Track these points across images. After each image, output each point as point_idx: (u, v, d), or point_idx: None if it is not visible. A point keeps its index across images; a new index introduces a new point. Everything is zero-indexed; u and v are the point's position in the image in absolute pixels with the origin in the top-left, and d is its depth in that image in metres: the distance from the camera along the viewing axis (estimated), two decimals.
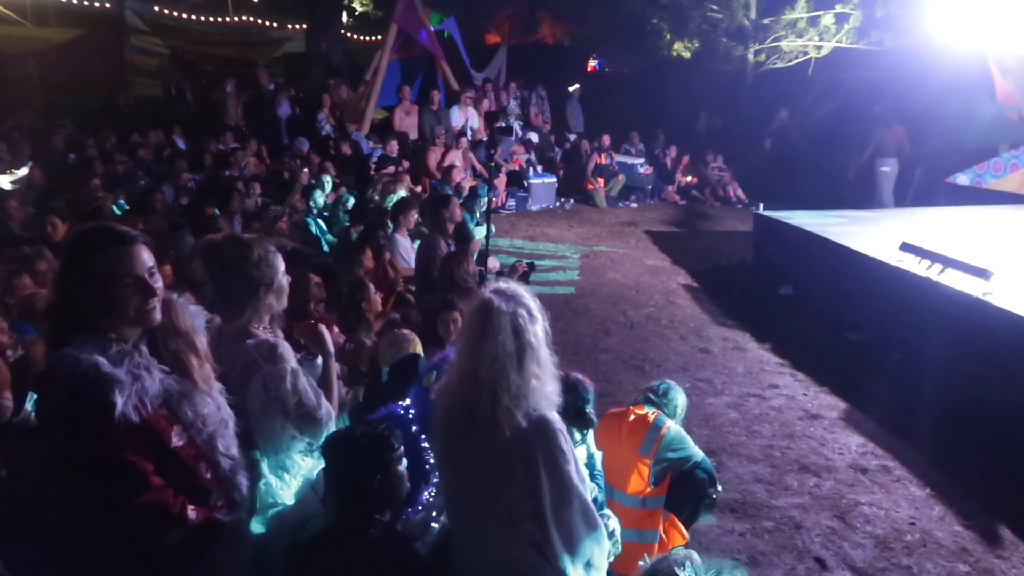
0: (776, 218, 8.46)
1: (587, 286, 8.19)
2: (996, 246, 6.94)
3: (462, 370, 2.14)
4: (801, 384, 5.80)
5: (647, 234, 10.60)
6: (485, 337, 2.09)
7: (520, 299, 2.15)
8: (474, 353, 2.10)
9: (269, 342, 2.43)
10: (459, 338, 2.24)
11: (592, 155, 12.62)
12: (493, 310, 2.10)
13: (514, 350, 2.09)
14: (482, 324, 2.10)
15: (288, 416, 2.41)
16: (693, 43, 14.78)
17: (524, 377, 2.10)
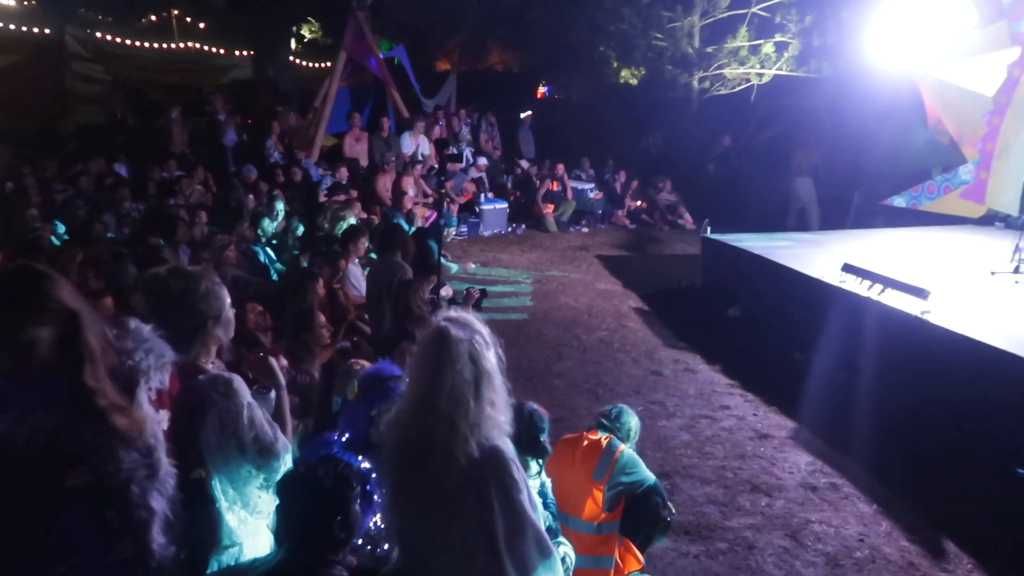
0: (723, 241, 8.63)
1: (540, 311, 8.22)
2: (932, 265, 7.21)
3: (418, 400, 2.11)
4: (751, 404, 5.89)
5: (598, 258, 10.71)
6: (443, 366, 2.07)
7: (473, 326, 2.15)
8: (432, 382, 2.08)
9: (223, 377, 2.38)
10: (413, 367, 2.22)
11: (544, 181, 12.73)
12: (450, 338, 2.08)
13: (472, 378, 2.08)
14: (439, 353, 2.08)
15: (245, 452, 2.36)
16: (640, 70, 15.12)
17: (481, 405, 2.09)
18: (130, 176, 10.22)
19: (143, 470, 1.94)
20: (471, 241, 11.58)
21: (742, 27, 13.34)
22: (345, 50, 12.62)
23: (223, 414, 2.30)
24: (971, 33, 9.31)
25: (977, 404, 4.96)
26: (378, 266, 5.85)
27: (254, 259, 7.15)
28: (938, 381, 5.27)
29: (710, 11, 13.58)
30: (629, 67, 15.27)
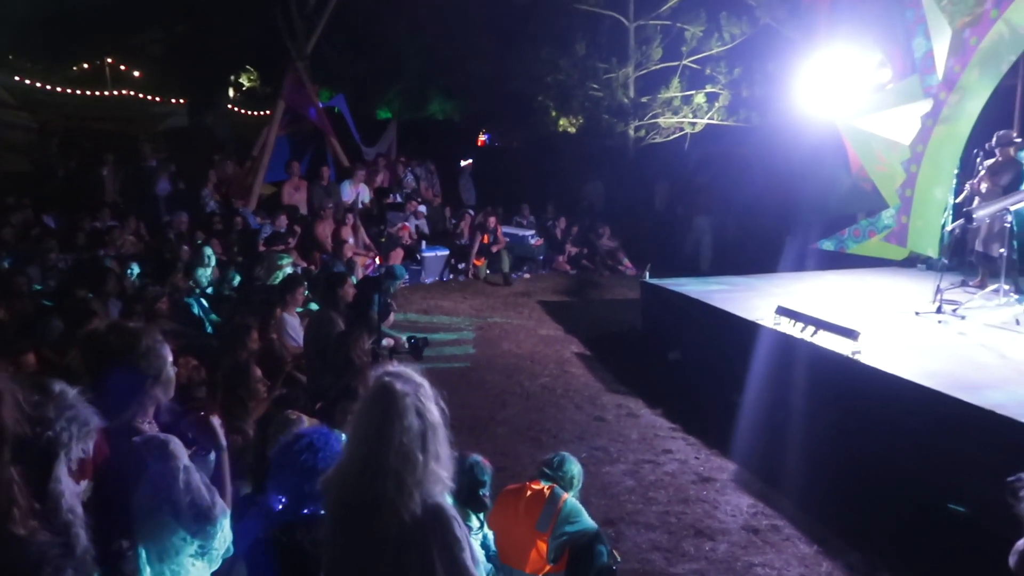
0: (662, 286, 8.79)
1: (482, 358, 8.19)
2: (861, 307, 7.46)
3: (363, 457, 2.06)
4: (693, 447, 5.94)
5: (540, 304, 10.76)
6: (390, 421, 2.03)
7: (415, 379, 2.12)
8: (379, 439, 2.03)
9: (158, 439, 2.29)
10: (356, 424, 2.16)
11: (476, 235, 12.54)
12: (395, 393, 2.05)
13: (419, 432, 2.05)
14: (386, 408, 2.05)
15: (179, 518, 2.26)
16: (578, 119, 15.53)
17: (427, 460, 2.05)
18: (58, 227, 9.90)
19: (56, 548, 1.83)
20: (412, 288, 11.52)
21: (674, 78, 13.84)
22: (284, 100, 12.60)
23: (157, 478, 2.22)
24: (887, 87, 9.83)
25: (908, 442, 5.10)
26: (317, 316, 5.76)
27: (188, 311, 6.97)
28: (870, 420, 5.41)
29: (644, 63, 14.06)
30: (567, 116, 15.67)
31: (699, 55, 13.64)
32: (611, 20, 14.18)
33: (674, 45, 13.82)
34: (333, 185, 12.01)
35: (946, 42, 8.93)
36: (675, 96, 13.92)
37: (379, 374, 2.14)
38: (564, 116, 15.74)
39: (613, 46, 14.29)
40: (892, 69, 9.80)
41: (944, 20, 8.88)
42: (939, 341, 6.31)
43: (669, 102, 14.02)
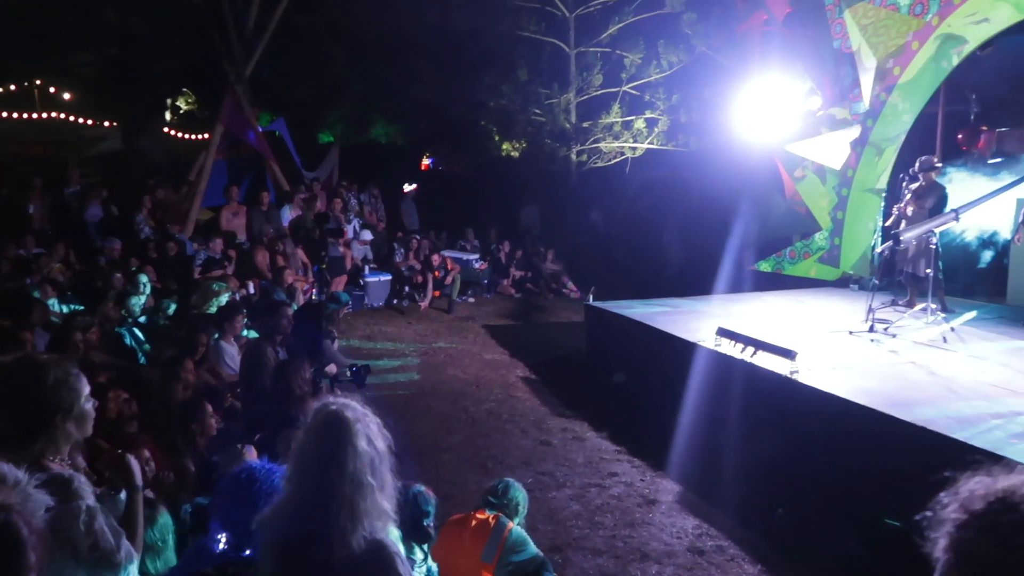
0: (606, 308, 8.86)
1: (427, 384, 8.10)
2: (797, 327, 7.64)
3: (314, 488, 1.99)
4: (638, 470, 5.96)
5: (485, 328, 10.73)
6: (344, 448, 1.97)
7: (360, 408, 2.08)
8: (331, 467, 1.97)
9: (62, 477, 2.17)
10: (302, 454, 2.09)
11: (428, 275, 12.45)
12: (345, 420, 2.00)
13: (369, 460, 2.00)
14: (339, 435, 1.99)
15: (80, 561, 2.13)
16: (521, 144, 15.62)
17: (374, 491, 2.00)
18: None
19: None
20: (356, 314, 11.37)
21: (615, 104, 14.08)
22: (222, 123, 12.38)
23: (55, 518, 2.09)
24: (817, 114, 10.18)
25: (846, 459, 5.21)
26: (254, 345, 5.62)
27: (120, 341, 6.72)
28: (809, 439, 5.52)
29: (585, 89, 14.28)
30: (510, 141, 15.75)
31: (638, 81, 13.93)
32: (552, 47, 14.39)
33: (614, 72, 14.08)
34: (273, 210, 11.80)
35: (872, 72, 9.31)
36: (616, 121, 14.16)
37: (323, 404, 2.09)
38: (507, 140, 15.82)
39: (555, 72, 14.49)
40: (822, 97, 10.17)
41: (870, 51, 9.27)
42: (872, 360, 6.49)
43: (610, 127, 14.26)
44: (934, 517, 0.80)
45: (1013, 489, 0.62)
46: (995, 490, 0.64)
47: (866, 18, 9.28)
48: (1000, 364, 6.23)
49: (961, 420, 4.85)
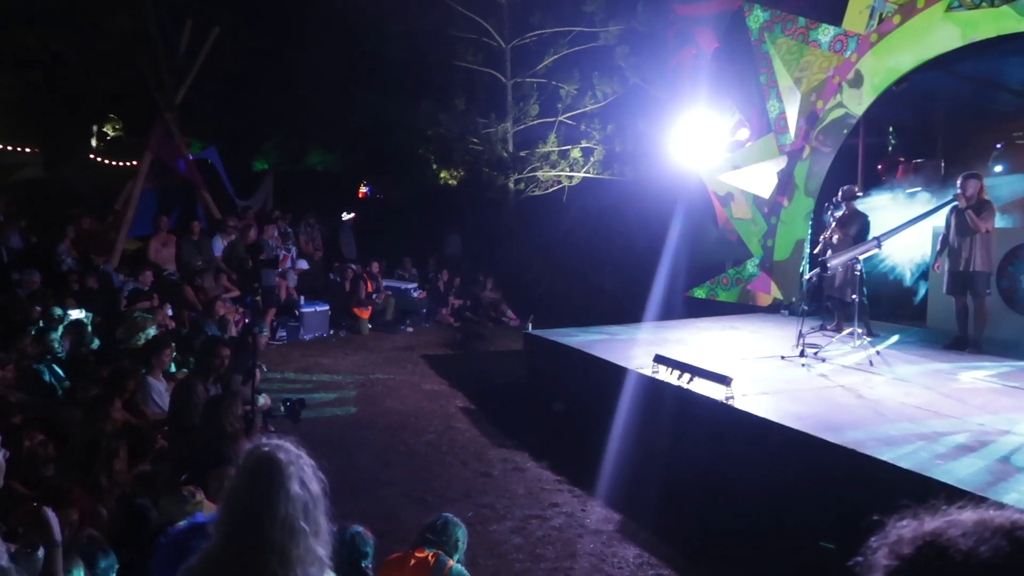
0: (544, 337, 8.88)
1: (365, 417, 7.95)
2: (732, 352, 7.80)
3: (244, 534, 1.90)
4: (579, 499, 5.94)
5: (424, 358, 10.63)
6: (276, 492, 1.89)
7: (293, 450, 2.00)
8: (262, 512, 1.88)
9: None
10: (232, 498, 1.99)
11: (360, 283, 12.47)
12: (278, 461, 1.92)
13: (303, 504, 1.91)
14: (270, 478, 1.90)
15: None
16: (459, 172, 15.67)
17: (307, 535, 1.92)
18: None
19: None
20: (291, 346, 11.13)
21: (551, 134, 14.28)
22: (151, 151, 12.06)
23: None
24: (746, 145, 10.52)
25: (782, 483, 5.30)
26: (184, 382, 5.42)
27: (38, 378, 6.40)
28: (746, 463, 5.60)
29: (522, 118, 14.45)
30: (448, 169, 15.78)
31: (574, 112, 14.17)
32: (489, 77, 14.53)
33: (550, 102, 14.30)
34: (204, 240, 11.50)
35: (796, 104, 9.68)
36: (552, 150, 14.35)
37: (255, 446, 2.01)
38: (445, 169, 15.87)
39: (492, 102, 14.63)
40: (750, 128, 10.52)
41: (793, 85, 9.63)
42: (804, 384, 6.66)
43: (547, 156, 14.43)
44: (865, 563, 0.80)
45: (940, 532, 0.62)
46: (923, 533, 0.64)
47: (790, 54, 9.67)
48: (923, 387, 6.47)
49: (888, 441, 4.99)
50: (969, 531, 0.58)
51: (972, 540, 0.57)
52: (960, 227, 7.69)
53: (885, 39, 8.69)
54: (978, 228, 7.51)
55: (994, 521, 0.59)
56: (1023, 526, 0.58)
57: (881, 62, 8.73)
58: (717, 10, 10.93)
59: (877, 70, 8.79)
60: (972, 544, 0.57)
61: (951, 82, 9.70)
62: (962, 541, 0.57)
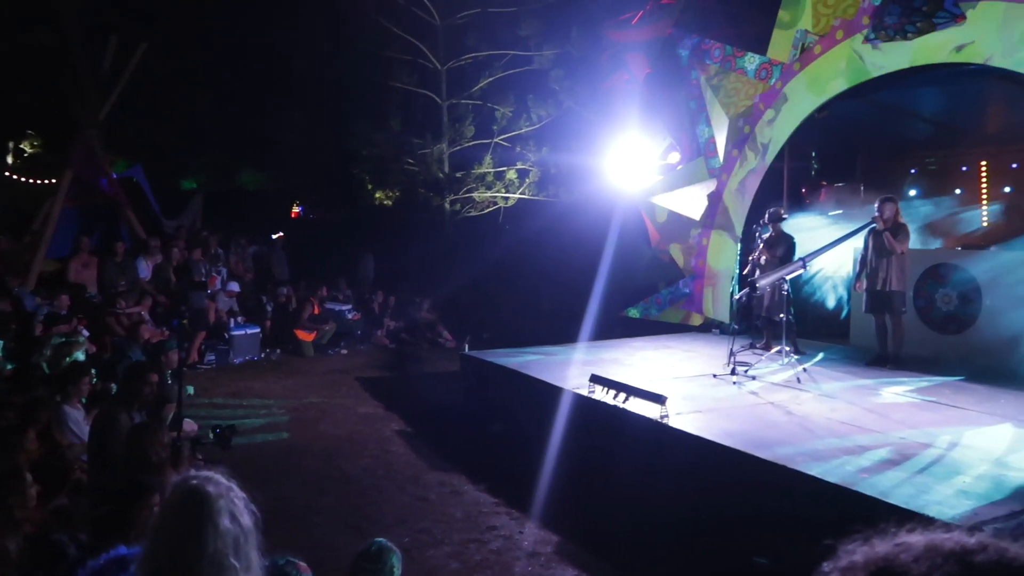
0: (481, 358, 8.86)
1: (298, 442, 7.76)
2: (666, 371, 7.92)
3: (170, 573, 1.82)
4: (517, 522, 5.90)
5: (359, 381, 10.46)
6: (204, 526, 1.80)
7: (223, 482, 1.92)
8: (189, 547, 1.80)
9: None
10: (158, 533, 1.90)
11: (306, 304, 12.31)
12: (206, 495, 1.84)
13: (233, 538, 1.84)
14: (198, 512, 1.82)
15: None
16: (394, 192, 15.58)
17: (238, 572, 1.84)
18: None
19: None
20: (221, 370, 10.80)
21: (487, 155, 14.36)
22: (72, 169, 11.61)
23: None
24: (677, 168, 10.78)
25: (716, 499, 5.39)
26: (105, 410, 5.19)
27: None
28: (681, 481, 5.68)
29: (457, 140, 14.49)
30: (383, 189, 15.69)
31: (509, 134, 14.29)
32: (424, 98, 14.54)
33: (486, 123, 14.39)
34: (128, 261, 11.10)
35: (724, 129, 9.97)
36: (488, 172, 14.41)
37: (183, 478, 1.93)
38: (380, 189, 15.76)
39: (427, 122, 14.63)
40: (681, 152, 10.79)
41: (722, 110, 9.93)
42: (735, 401, 6.80)
43: (482, 177, 14.49)
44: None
45: (892, 557, 0.64)
46: (876, 559, 0.66)
47: (718, 81, 9.98)
48: (847, 402, 6.69)
49: (816, 456, 5.13)
50: (921, 556, 0.59)
51: (924, 566, 0.58)
52: (878, 248, 8.03)
53: (807, 68, 9.05)
54: (894, 249, 7.85)
55: (944, 546, 0.60)
56: (973, 550, 0.59)
57: (803, 90, 9.09)
58: (649, 36, 11.21)
59: (800, 97, 9.14)
60: (924, 570, 0.58)
61: (869, 110, 10.16)
62: (915, 567, 0.58)
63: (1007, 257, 8.55)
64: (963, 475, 4.72)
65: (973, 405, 6.55)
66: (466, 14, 13.88)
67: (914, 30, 7.54)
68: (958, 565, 0.58)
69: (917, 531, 0.66)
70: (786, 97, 9.29)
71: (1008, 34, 7.12)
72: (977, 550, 0.59)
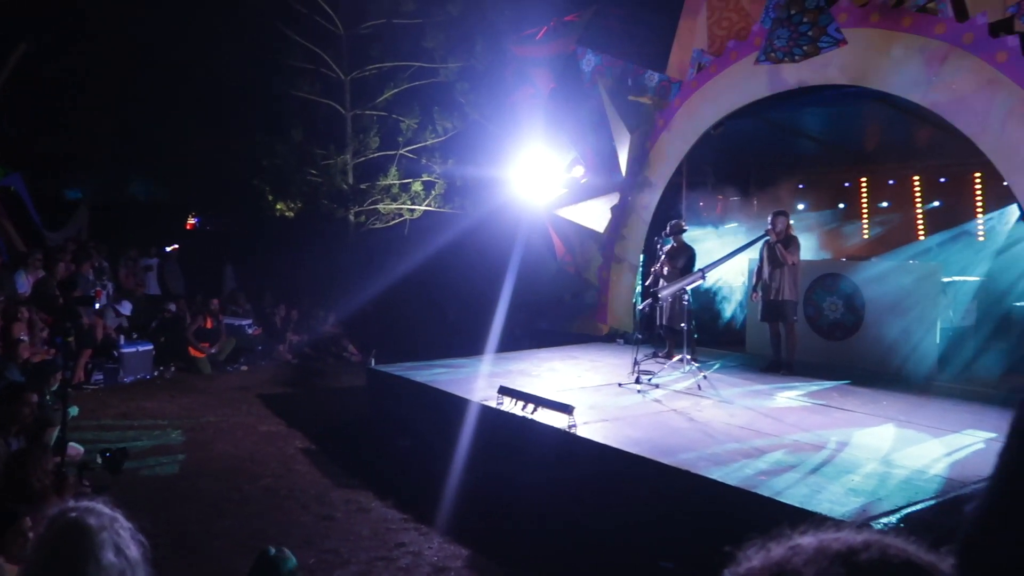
0: (388, 371, 8.73)
1: (194, 464, 7.41)
2: (573, 381, 8.02)
3: None
4: (426, 537, 5.82)
5: (260, 398, 10.11)
6: (85, 561, 1.67)
7: (107, 512, 1.79)
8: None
9: None
10: (34, 570, 1.75)
11: (196, 318, 11.85)
12: (86, 528, 1.70)
13: (119, 574, 1.71)
14: (77, 547, 1.67)
15: None
16: (296, 204, 15.19)
17: None
18: None
19: None
20: (109, 390, 10.22)
21: (392, 167, 14.21)
22: None
23: None
24: (582, 181, 10.98)
25: (624, 506, 5.49)
26: None
27: None
28: (589, 489, 5.75)
29: (362, 151, 14.29)
30: (285, 201, 15.27)
31: (415, 145, 14.20)
32: (328, 108, 14.28)
33: (391, 135, 14.25)
34: (6, 275, 10.37)
35: (627, 144, 10.24)
36: (393, 183, 14.27)
37: (59, 510, 1.78)
38: (281, 200, 15.33)
39: (331, 133, 14.36)
40: (585, 166, 11.00)
41: (624, 127, 10.20)
42: (640, 409, 6.96)
43: (388, 189, 14.33)
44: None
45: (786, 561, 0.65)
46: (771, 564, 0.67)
47: (619, 97, 10.25)
48: (744, 407, 6.95)
49: (717, 461, 5.31)
50: (810, 559, 0.60)
51: (813, 569, 0.59)
52: (771, 260, 8.41)
53: (704, 86, 9.42)
54: (786, 261, 8.25)
55: (832, 547, 0.62)
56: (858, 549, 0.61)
57: (701, 107, 9.46)
58: (552, 52, 11.41)
59: (697, 114, 9.50)
60: (814, 573, 0.59)
61: (761, 127, 10.67)
62: (805, 570, 0.59)
63: (885, 267, 9.13)
64: (852, 474, 4.98)
65: (859, 407, 6.94)
66: (370, 24, 13.74)
67: (801, 53, 7.98)
68: (843, 565, 0.59)
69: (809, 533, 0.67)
70: (684, 114, 9.64)
71: (883, 59, 7.63)
72: (862, 549, 0.61)
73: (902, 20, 7.54)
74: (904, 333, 8.37)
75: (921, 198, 11.14)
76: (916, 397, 7.36)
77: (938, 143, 9.42)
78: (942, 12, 7.29)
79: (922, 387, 7.76)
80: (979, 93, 7.07)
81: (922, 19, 7.44)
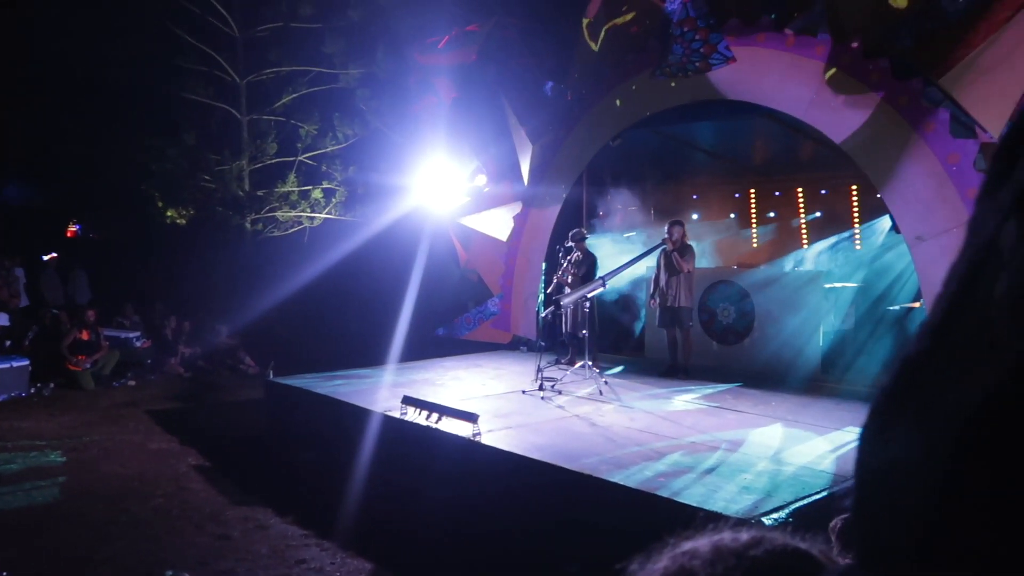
0: (287, 383, 8.49)
1: (77, 486, 6.97)
2: (477, 389, 8.03)
3: None
4: (328, 553, 5.68)
5: (149, 414, 9.62)
6: None
7: None
8: None
9: None
10: None
11: (72, 331, 11.13)
12: None
13: None
14: None
15: None
16: (188, 211, 14.59)
17: None
18: None
19: None
20: None
21: (291, 173, 13.87)
22: None
23: None
24: (484, 190, 11.05)
25: (530, 513, 5.52)
26: None
27: None
28: (495, 497, 5.76)
29: (259, 157, 13.88)
30: (176, 207, 14.63)
31: (315, 152, 13.92)
32: (222, 112, 13.81)
33: (290, 141, 13.92)
34: None
35: (528, 154, 10.37)
36: (292, 191, 13.93)
37: None
38: (172, 207, 14.67)
39: (226, 138, 13.89)
40: (487, 175, 11.07)
41: (525, 137, 10.33)
42: (543, 416, 7.03)
43: (286, 196, 13.98)
44: None
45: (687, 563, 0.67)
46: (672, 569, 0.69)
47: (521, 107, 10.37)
48: (644, 411, 7.15)
49: (618, 464, 5.42)
50: (707, 559, 0.62)
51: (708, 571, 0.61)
52: (668, 267, 8.70)
53: (604, 98, 9.65)
54: (682, 268, 8.54)
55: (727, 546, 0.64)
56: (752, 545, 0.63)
57: (600, 119, 9.68)
58: (455, 62, 11.42)
59: (597, 126, 9.72)
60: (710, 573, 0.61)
61: (656, 139, 11.03)
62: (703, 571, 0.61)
63: (772, 273, 9.59)
64: (745, 473, 5.19)
65: (750, 408, 7.25)
66: (267, 27, 13.38)
67: (694, 68, 8.30)
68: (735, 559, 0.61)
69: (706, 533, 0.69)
70: (585, 125, 9.85)
71: (769, 77, 8.04)
72: (752, 544, 0.63)
73: (786, 40, 7.97)
74: (791, 336, 8.82)
75: (804, 208, 11.78)
76: (803, 397, 7.76)
77: (820, 157, 9.98)
78: (821, 35, 7.74)
79: (808, 387, 8.19)
80: (854, 110, 7.54)
81: (803, 40, 7.88)
